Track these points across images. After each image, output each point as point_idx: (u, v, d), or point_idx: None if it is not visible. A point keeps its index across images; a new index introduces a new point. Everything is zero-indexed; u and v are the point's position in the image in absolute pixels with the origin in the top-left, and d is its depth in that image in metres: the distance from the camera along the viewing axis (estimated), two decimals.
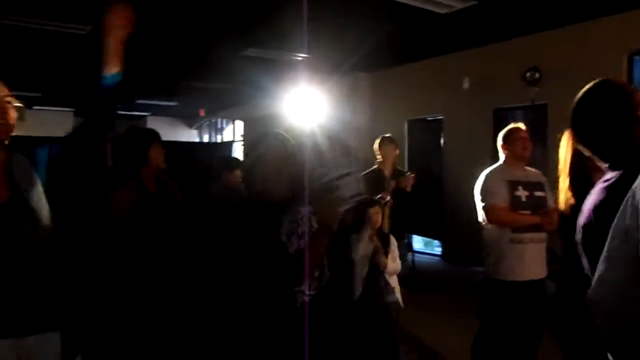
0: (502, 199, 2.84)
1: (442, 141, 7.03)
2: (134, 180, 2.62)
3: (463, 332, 3.15)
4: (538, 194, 2.89)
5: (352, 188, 2.01)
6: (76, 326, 1.84)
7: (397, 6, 4.76)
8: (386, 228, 4.16)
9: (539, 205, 2.82)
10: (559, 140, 1.92)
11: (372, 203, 3.32)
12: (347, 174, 2.08)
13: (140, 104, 12.15)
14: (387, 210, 4.17)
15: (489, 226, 2.90)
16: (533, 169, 3.07)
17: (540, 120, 5.86)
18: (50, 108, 12.38)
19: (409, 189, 4.16)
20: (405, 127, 7.50)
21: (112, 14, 1.75)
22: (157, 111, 13.82)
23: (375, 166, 4.42)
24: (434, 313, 4.78)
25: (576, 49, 5.39)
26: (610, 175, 1.34)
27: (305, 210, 2.11)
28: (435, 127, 7.18)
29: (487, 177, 2.96)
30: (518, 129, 3.03)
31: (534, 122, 6.15)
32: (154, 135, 2.76)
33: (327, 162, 3.47)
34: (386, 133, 4.82)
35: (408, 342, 4.07)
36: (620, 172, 1.30)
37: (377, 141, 4.49)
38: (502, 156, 3.05)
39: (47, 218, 1.72)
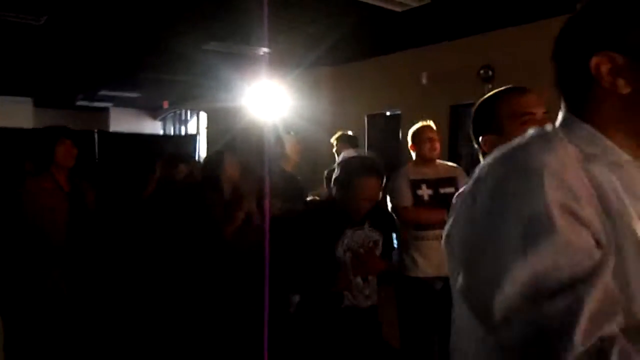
0: (407, 198, 2.93)
1: (400, 136, 7.19)
2: (47, 173, 2.76)
3: None
4: (445, 190, 2.93)
5: None
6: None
7: (354, 3, 4.85)
8: None
9: (445, 202, 2.86)
10: None
11: None
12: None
13: (102, 95, 11.92)
14: None
15: (397, 223, 2.99)
16: (448, 164, 3.14)
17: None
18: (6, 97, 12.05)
19: None
20: (365, 121, 7.62)
21: None
22: (121, 102, 13.58)
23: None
24: None
25: (526, 47, 5.58)
26: None
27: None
28: (393, 122, 7.32)
29: (393, 177, 3.02)
30: (425, 128, 3.04)
31: None
32: (61, 132, 2.86)
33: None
34: (348, 127, 4.87)
35: None
36: None
37: (335, 137, 4.44)
38: (413, 155, 3.11)
39: None
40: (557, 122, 0.91)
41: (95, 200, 2.99)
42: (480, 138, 1.51)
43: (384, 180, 2.34)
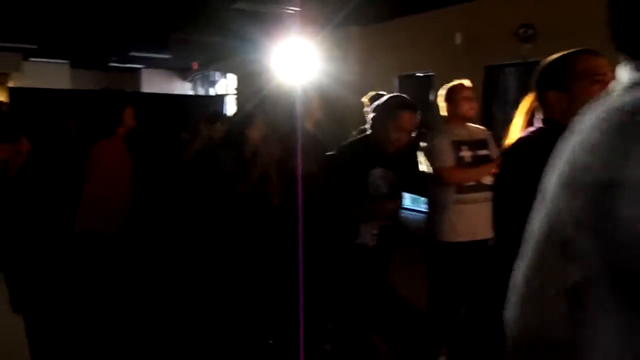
0: (450, 159, 2.79)
1: (430, 97, 7.03)
2: (115, 135, 2.91)
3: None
4: (481, 152, 2.84)
5: None
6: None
7: None
8: None
9: (484, 164, 2.79)
10: None
11: None
12: None
13: (134, 56, 12.00)
14: None
15: (433, 187, 2.89)
16: (476, 126, 3.00)
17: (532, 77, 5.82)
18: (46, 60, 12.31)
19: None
20: (396, 83, 7.46)
21: None
22: (151, 64, 13.67)
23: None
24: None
25: (572, 4, 5.29)
26: None
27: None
28: (425, 83, 7.14)
29: (433, 139, 2.88)
30: (462, 87, 2.88)
31: (526, 80, 6.12)
32: (127, 97, 3.04)
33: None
34: (377, 88, 4.75)
35: None
36: None
37: (367, 96, 4.30)
38: (443, 113, 2.94)
39: None
40: (627, 80, 0.70)
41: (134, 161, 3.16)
42: (544, 94, 1.58)
43: (419, 115, 2.60)
